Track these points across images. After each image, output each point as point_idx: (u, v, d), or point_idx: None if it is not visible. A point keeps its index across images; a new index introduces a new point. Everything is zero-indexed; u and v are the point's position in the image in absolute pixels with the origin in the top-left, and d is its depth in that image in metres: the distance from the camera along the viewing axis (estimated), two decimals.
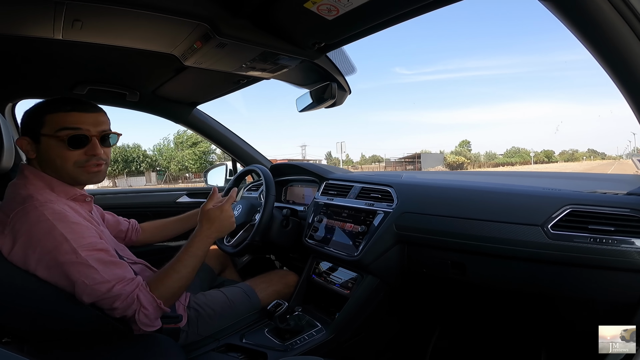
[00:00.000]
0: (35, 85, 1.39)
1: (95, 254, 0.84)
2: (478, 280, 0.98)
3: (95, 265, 0.82)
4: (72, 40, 1.00)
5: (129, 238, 1.29)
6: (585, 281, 0.81)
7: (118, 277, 0.85)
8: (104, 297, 0.83)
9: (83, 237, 0.84)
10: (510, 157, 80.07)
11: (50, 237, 0.80)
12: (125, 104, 1.62)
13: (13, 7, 0.83)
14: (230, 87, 1.52)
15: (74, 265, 0.81)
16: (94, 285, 0.81)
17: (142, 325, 0.88)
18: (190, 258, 0.97)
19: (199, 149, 33.27)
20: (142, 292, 0.87)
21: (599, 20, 0.57)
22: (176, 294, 0.95)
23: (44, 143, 0.88)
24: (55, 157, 0.88)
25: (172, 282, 0.93)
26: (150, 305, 0.87)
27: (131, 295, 0.85)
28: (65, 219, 0.83)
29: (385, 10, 0.88)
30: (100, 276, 0.82)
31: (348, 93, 1.42)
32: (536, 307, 0.95)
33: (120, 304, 0.84)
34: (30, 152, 0.89)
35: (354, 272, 1.20)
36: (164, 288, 0.91)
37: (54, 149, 0.88)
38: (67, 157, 0.89)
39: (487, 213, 0.96)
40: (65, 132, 0.87)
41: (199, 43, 1.03)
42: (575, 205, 0.83)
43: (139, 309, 0.86)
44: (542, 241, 0.84)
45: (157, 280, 0.93)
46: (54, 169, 0.89)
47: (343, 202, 1.31)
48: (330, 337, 1.10)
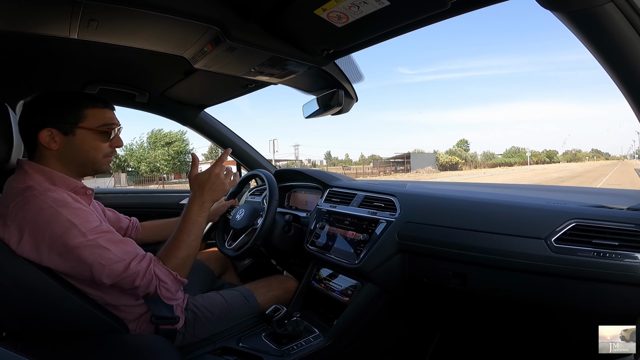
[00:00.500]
0: (48, 83, 1.41)
1: (104, 235, 0.85)
2: (479, 291, 0.97)
3: (106, 245, 0.84)
4: (87, 40, 1.02)
5: (129, 235, 1.29)
6: (587, 294, 0.81)
7: (130, 254, 0.87)
8: (123, 276, 0.84)
9: (88, 222, 0.85)
10: (509, 157, 78.67)
11: (57, 223, 0.81)
12: (134, 105, 1.64)
13: (33, 6, 0.85)
14: (239, 91, 1.53)
15: (87, 248, 0.82)
16: (111, 265, 0.83)
17: (166, 300, 0.92)
18: (191, 225, 0.99)
19: (172, 149, 31.17)
20: (157, 267, 0.89)
21: (614, 33, 0.58)
22: (187, 264, 0.96)
23: (79, 135, 0.91)
24: (90, 148, 0.93)
25: (180, 251, 0.95)
26: (167, 278, 0.90)
27: (148, 271, 0.87)
28: (67, 205, 0.84)
29: (395, 19, 0.89)
30: (114, 255, 0.84)
31: (355, 101, 1.43)
32: (536, 318, 0.95)
33: (140, 282, 0.86)
34: (53, 143, 0.90)
35: (354, 279, 1.19)
36: (175, 259, 0.93)
37: (89, 141, 0.93)
38: (100, 149, 0.95)
39: (490, 225, 0.95)
40: (108, 127, 0.95)
41: (210, 46, 1.05)
42: (580, 220, 0.83)
43: (159, 284, 0.89)
44: (546, 254, 0.83)
45: (166, 253, 0.94)
46: (84, 159, 0.93)
47: (346, 210, 1.31)
48: (328, 344, 1.08)
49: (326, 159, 66.97)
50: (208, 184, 1.03)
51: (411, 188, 1.31)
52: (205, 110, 1.82)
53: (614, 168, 33.84)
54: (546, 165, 74.37)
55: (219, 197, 1.06)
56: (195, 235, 0.98)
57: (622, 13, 0.55)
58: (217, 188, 1.04)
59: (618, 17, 0.55)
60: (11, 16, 0.89)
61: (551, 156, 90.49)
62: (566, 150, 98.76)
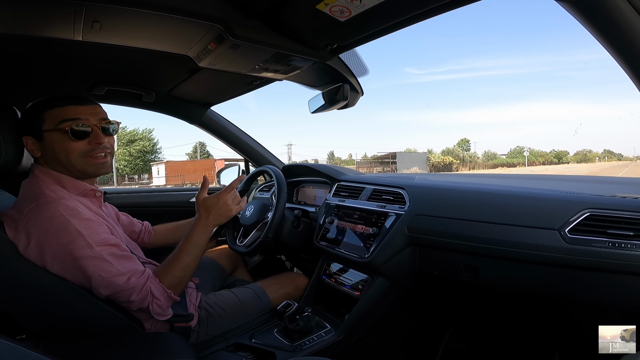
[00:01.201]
0: (56, 86, 1.43)
1: (108, 249, 0.87)
2: (491, 283, 0.96)
3: (109, 259, 0.85)
4: (92, 42, 1.03)
5: (141, 239, 1.32)
6: (602, 285, 0.79)
7: (131, 270, 0.88)
8: (121, 290, 0.86)
9: (97, 233, 0.86)
10: (513, 158, 73.12)
11: (65, 232, 0.82)
12: (141, 105, 1.65)
13: (35, 9, 0.85)
14: (244, 88, 1.53)
15: (90, 260, 0.83)
16: (111, 278, 0.84)
17: (156, 315, 0.92)
18: (192, 247, 1.00)
19: (134, 148, 29.46)
20: (152, 283, 0.91)
21: (619, 20, 0.56)
22: (182, 283, 0.98)
23: (47, 138, 0.91)
24: (60, 150, 0.91)
25: (177, 271, 0.96)
26: (161, 295, 0.91)
27: (144, 287, 0.88)
28: (78, 215, 0.85)
29: (398, 11, 0.88)
30: (115, 269, 0.85)
31: (360, 94, 1.41)
32: (550, 310, 0.93)
33: (136, 297, 0.87)
34: (35, 150, 0.92)
35: (364, 273, 1.19)
36: (171, 278, 0.95)
37: (57, 143, 0.90)
38: (72, 149, 0.91)
39: (502, 216, 0.94)
40: (66, 123, 0.90)
41: (213, 44, 1.05)
42: (594, 210, 0.81)
43: (152, 300, 0.90)
44: (559, 245, 0.82)
45: (163, 271, 0.96)
46: (61, 163, 0.92)
47: (354, 204, 1.31)
48: (340, 338, 1.09)
49: (329, 159, 66.28)
50: (214, 209, 1.06)
51: (420, 180, 1.29)
52: (212, 108, 1.82)
53: (624, 169, 31.88)
54: (551, 166, 67.27)
55: (223, 222, 1.10)
56: (195, 257, 1.00)
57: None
58: (223, 214, 1.08)
59: (622, 3, 0.54)
60: (15, 19, 0.90)
61: (560, 157, 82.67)
62: (577, 150, 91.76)
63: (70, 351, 0.81)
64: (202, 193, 1.09)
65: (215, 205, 1.06)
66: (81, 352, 0.81)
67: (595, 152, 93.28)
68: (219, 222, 1.07)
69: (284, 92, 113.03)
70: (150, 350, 0.85)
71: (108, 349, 0.84)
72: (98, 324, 0.89)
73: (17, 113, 1.01)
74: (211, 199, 1.07)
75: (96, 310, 0.87)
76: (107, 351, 0.83)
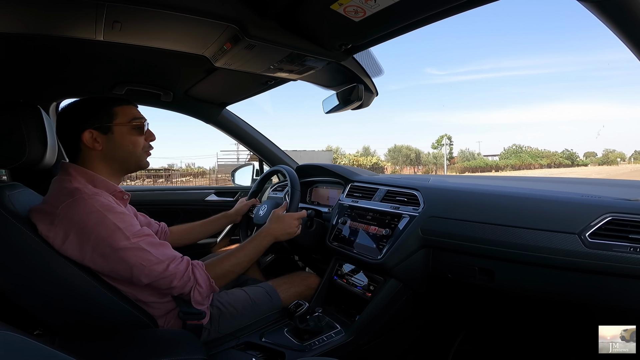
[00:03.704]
0: (78, 85, 1.47)
1: (145, 239, 0.91)
2: (507, 287, 0.94)
3: (148, 248, 0.89)
4: (113, 42, 1.06)
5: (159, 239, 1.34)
6: (623, 291, 0.77)
7: (169, 257, 0.92)
8: (162, 277, 0.90)
9: (132, 225, 0.90)
10: (505, 158, 55.74)
11: (103, 226, 0.86)
12: (159, 104, 1.69)
13: (58, 9, 0.89)
14: (259, 88, 1.54)
15: (130, 250, 0.87)
16: (151, 266, 0.88)
17: (195, 304, 0.97)
18: (252, 248, 1.09)
19: None
20: (198, 270, 0.95)
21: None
22: (227, 276, 1.04)
23: (117, 132, 0.98)
24: (129, 143, 1.00)
25: (228, 264, 1.03)
26: (204, 283, 0.95)
27: (187, 273, 0.93)
28: (113, 210, 0.89)
29: (413, 12, 0.87)
30: (154, 257, 0.89)
31: (375, 95, 1.41)
32: (567, 315, 0.91)
33: (178, 282, 0.91)
34: (97, 144, 0.97)
35: (376, 275, 1.18)
36: (219, 269, 1.01)
37: (127, 137, 0.99)
38: (138, 143, 1.01)
39: (519, 220, 0.92)
40: (136, 121, 1.01)
41: (229, 44, 1.06)
42: (616, 214, 0.79)
43: (195, 286, 0.94)
44: (579, 250, 0.80)
45: (215, 262, 1.02)
46: (126, 155, 1.00)
47: (368, 205, 1.30)
48: (350, 339, 1.08)
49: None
50: (284, 223, 1.18)
51: (435, 182, 1.28)
52: (227, 108, 1.84)
53: None
54: (557, 170, 50.63)
55: (284, 238, 1.20)
56: (250, 258, 1.08)
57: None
58: (289, 229, 1.19)
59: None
60: (38, 20, 0.94)
61: (573, 158, 64.77)
62: (604, 148, 79.52)
63: (85, 347, 0.83)
64: (281, 210, 1.25)
65: (284, 221, 1.19)
66: (95, 348, 0.83)
67: (618, 152, 76.57)
68: (281, 237, 1.17)
69: (299, 94, 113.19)
70: (162, 347, 0.86)
71: (121, 345, 0.86)
72: (112, 319, 0.91)
73: (41, 111, 1.04)
74: (285, 216, 1.20)
75: (112, 306, 0.90)
76: (120, 347, 0.85)
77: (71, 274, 0.86)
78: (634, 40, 0.59)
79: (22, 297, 0.87)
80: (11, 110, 0.95)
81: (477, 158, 56.91)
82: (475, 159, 56.09)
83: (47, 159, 1.06)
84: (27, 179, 1.23)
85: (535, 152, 60.80)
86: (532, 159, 56.48)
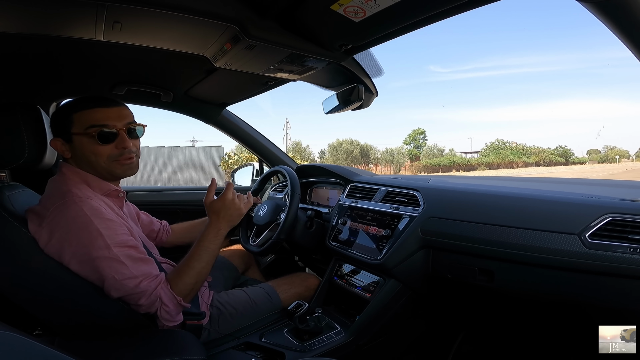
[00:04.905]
0: (78, 85, 1.47)
1: (126, 251, 0.88)
2: (507, 288, 0.94)
3: (125, 262, 0.86)
4: (113, 42, 1.06)
5: (160, 238, 1.34)
6: (623, 291, 0.77)
7: (145, 274, 0.89)
8: (131, 293, 0.87)
9: (117, 234, 0.88)
10: (486, 156, 47.31)
11: (86, 232, 0.84)
12: (159, 104, 1.69)
13: (58, 9, 0.89)
14: (259, 89, 1.54)
15: (106, 261, 0.85)
16: (123, 280, 0.85)
17: (164, 321, 0.92)
18: (204, 252, 0.99)
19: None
20: (163, 289, 0.91)
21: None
22: (194, 289, 0.98)
23: (76, 141, 0.93)
24: (90, 153, 0.93)
25: (188, 277, 0.95)
26: (170, 302, 0.91)
27: (154, 292, 0.89)
28: (101, 215, 0.87)
29: (413, 12, 0.87)
30: (129, 272, 0.86)
31: (375, 95, 1.41)
32: (567, 316, 0.91)
33: (145, 301, 0.88)
34: (65, 152, 0.95)
35: (376, 275, 1.18)
36: (182, 285, 0.94)
37: (86, 146, 0.92)
38: (100, 153, 0.93)
39: (519, 220, 0.92)
40: (94, 129, 0.91)
41: (229, 45, 1.06)
42: (616, 214, 0.79)
43: (161, 306, 0.90)
44: (579, 250, 0.80)
45: (175, 277, 0.95)
46: (90, 165, 0.94)
47: (368, 205, 1.30)
48: (349, 340, 1.08)
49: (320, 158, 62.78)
50: (223, 211, 1.04)
51: (435, 182, 1.28)
52: (227, 108, 1.84)
53: None
54: (547, 168, 44.99)
55: (236, 222, 1.08)
56: (206, 262, 0.99)
57: None
58: (234, 213, 1.06)
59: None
60: (38, 20, 0.94)
61: (568, 155, 56.25)
62: (604, 145, 71.12)
63: (85, 347, 0.83)
64: (209, 196, 1.07)
65: (223, 207, 1.05)
66: (95, 348, 0.83)
67: (618, 150, 69.03)
68: (232, 223, 1.06)
69: (297, 90, 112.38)
70: (162, 347, 0.86)
71: (121, 345, 0.86)
72: (111, 319, 0.91)
73: (40, 112, 1.04)
74: (217, 202, 1.05)
75: (110, 306, 0.89)
76: (119, 347, 0.85)
77: (70, 274, 0.86)
78: (634, 41, 0.59)
79: (22, 297, 0.87)
80: (11, 110, 0.95)
81: (445, 155, 47.78)
82: (443, 155, 47.60)
83: (47, 159, 1.06)
84: (27, 179, 1.23)
85: (520, 148, 52.85)
86: (514, 156, 48.85)
